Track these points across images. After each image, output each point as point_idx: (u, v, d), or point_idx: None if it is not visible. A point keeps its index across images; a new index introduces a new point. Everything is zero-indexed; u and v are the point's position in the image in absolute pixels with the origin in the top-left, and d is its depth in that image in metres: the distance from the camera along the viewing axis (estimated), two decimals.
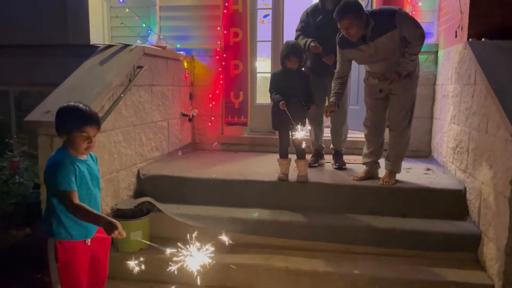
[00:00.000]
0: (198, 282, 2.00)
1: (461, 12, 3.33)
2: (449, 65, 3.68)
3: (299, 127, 3.04)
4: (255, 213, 3.10)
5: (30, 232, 3.55)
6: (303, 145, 3.19)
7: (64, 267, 2.00)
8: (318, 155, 3.95)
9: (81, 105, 2.02)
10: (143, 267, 2.92)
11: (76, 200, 1.91)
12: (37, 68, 4.50)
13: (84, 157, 2.07)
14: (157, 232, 3.13)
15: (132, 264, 2.45)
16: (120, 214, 3.01)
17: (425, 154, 4.32)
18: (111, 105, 3.06)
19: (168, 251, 1.97)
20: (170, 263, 2.50)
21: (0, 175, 3.32)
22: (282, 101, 3.13)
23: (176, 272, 2.62)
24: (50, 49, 4.43)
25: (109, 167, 3.10)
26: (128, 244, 2.95)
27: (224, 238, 2.25)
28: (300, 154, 3.28)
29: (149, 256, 2.93)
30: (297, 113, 3.09)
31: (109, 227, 1.84)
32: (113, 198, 3.15)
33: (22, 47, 4.48)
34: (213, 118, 4.73)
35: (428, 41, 4.15)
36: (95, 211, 1.93)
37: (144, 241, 2.88)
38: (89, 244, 2.07)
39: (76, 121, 1.97)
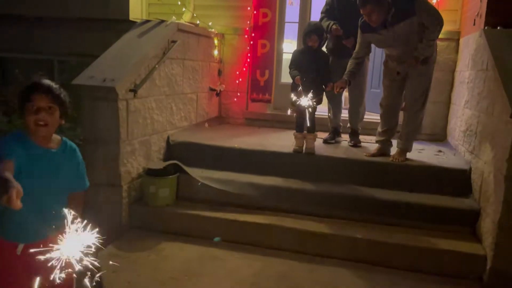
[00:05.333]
0: None
1: (480, 0, 3.45)
2: (467, 52, 3.82)
3: (306, 96, 3.24)
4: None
5: None
6: (313, 118, 3.39)
7: None
8: (335, 133, 4.18)
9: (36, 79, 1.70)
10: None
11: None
12: (79, 40, 4.87)
13: (49, 146, 1.73)
14: (182, 192, 3.47)
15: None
16: (151, 172, 3.36)
17: (440, 138, 4.48)
18: (146, 74, 3.38)
19: None
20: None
21: None
22: (298, 76, 3.38)
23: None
24: (92, 23, 4.78)
25: (143, 131, 3.43)
26: (157, 199, 3.30)
27: None
28: (310, 129, 3.54)
29: (174, 211, 3.30)
30: (313, 89, 3.31)
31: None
32: (145, 159, 3.50)
33: (66, 20, 4.84)
34: (239, 94, 5.01)
35: (450, 28, 4.28)
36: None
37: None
38: (18, 253, 1.67)
39: (25, 90, 1.68)
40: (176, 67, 3.97)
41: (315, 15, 4.87)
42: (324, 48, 3.84)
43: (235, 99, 5.04)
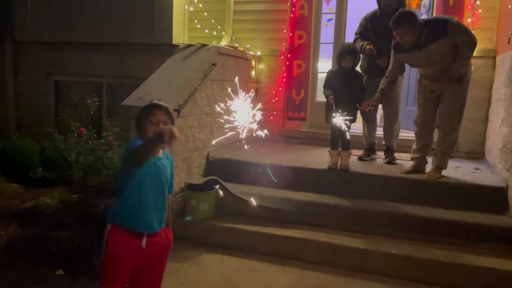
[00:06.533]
0: None
1: None
2: (504, 70, 3.82)
3: (338, 115, 3.35)
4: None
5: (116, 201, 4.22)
6: (347, 136, 3.52)
7: (108, 257, 1.96)
8: (370, 150, 4.25)
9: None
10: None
11: None
12: (127, 63, 5.22)
13: (159, 154, 2.03)
14: (220, 205, 3.64)
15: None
16: (192, 187, 3.56)
17: (478, 155, 4.45)
18: (189, 95, 3.62)
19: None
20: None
21: (98, 151, 4.01)
22: (331, 96, 3.51)
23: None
24: (138, 47, 5.12)
25: (185, 148, 3.66)
26: (197, 213, 3.49)
27: None
28: (344, 146, 3.64)
29: (213, 224, 3.46)
30: (346, 108, 3.42)
31: (157, 136, 1.73)
32: (187, 174, 3.71)
33: (115, 45, 5.21)
34: (275, 113, 5.18)
35: (486, 46, 4.30)
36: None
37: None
38: (143, 245, 1.97)
39: (145, 108, 2.05)
40: (216, 87, 4.20)
41: (349, 36, 5.02)
42: (358, 68, 3.96)
43: (272, 118, 5.21)
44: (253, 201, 3.52)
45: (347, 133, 3.63)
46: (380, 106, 4.02)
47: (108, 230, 1.98)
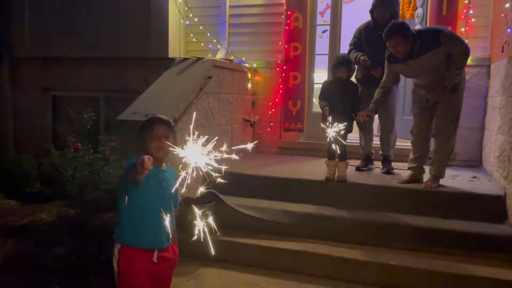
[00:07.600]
0: None
1: (508, 27, 3.50)
2: (498, 78, 3.84)
3: (334, 126, 3.34)
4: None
5: (114, 216, 4.19)
6: (344, 146, 3.51)
7: (123, 276, 1.99)
8: (367, 160, 4.24)
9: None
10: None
11: None
12: (124, 77, 5.23)
13: (161, 166, 2.05)
14: (218, 219, 3.60)
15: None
16: (189, 201, 3.54)
17: (475, 164, 4.45)
18: (185, 109, 3.62)
19: None
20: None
21: (95, 165, 4.00)
22: (326, 107, 3.52)
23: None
24: (135, 61, 5.15)
25: (181, 161, 3.64)
26: (195, 227, 3.46)
27: None
28: (341, 157, 3.64)
29: (211, 238, 3.43)
30: (342, 118, 3.42)
31: (134, 165, 1.72)
32: (183, 188, 3.69)
33: (112, 59, 5.24)
34: (272, 124, 5.20)
35: (481, 55, 4.33)
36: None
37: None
38: (155, 261, 2.02)
39: (146, 123, 2.06)
40: (212, 100, 4.21)
41: (344, 47, 5.04)
42: (353, 78, 3.98)
43: (268, 129, 5.23)
44: (251, 214, 3.51)
45: (344, 144, 3.63)
46: (376, 116, 4.02)
47: (118, 250, 1.98)
